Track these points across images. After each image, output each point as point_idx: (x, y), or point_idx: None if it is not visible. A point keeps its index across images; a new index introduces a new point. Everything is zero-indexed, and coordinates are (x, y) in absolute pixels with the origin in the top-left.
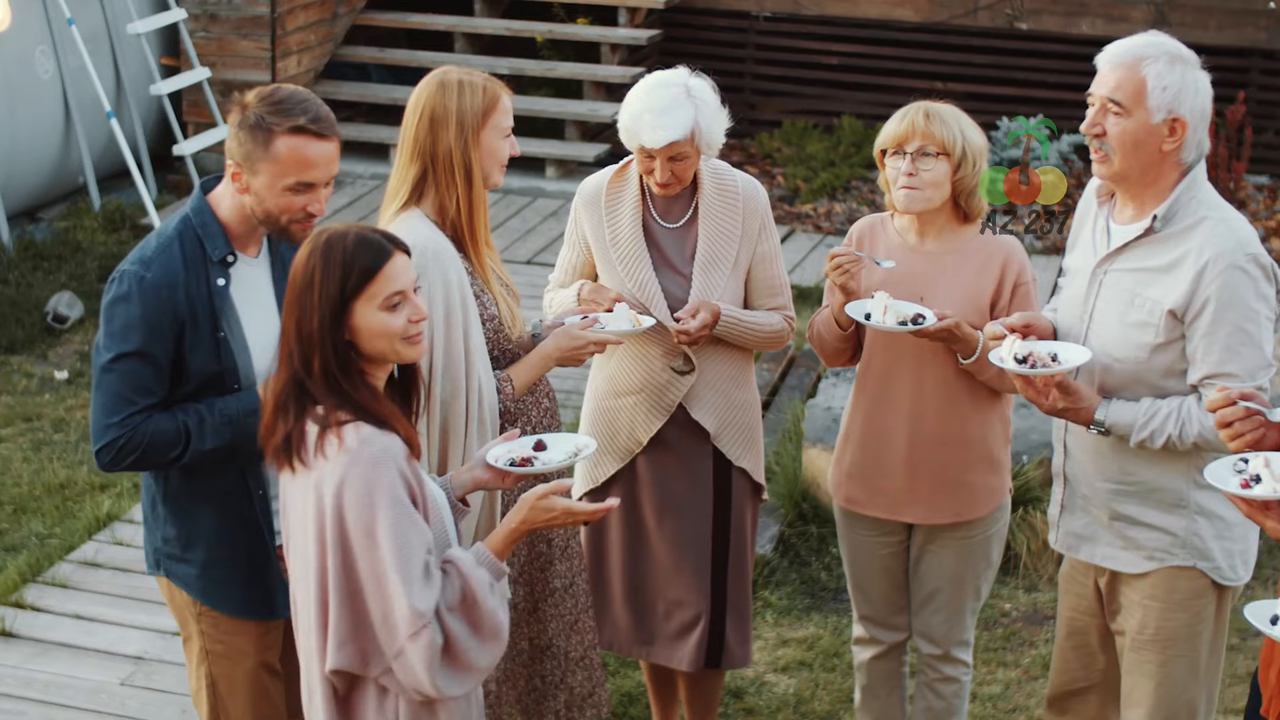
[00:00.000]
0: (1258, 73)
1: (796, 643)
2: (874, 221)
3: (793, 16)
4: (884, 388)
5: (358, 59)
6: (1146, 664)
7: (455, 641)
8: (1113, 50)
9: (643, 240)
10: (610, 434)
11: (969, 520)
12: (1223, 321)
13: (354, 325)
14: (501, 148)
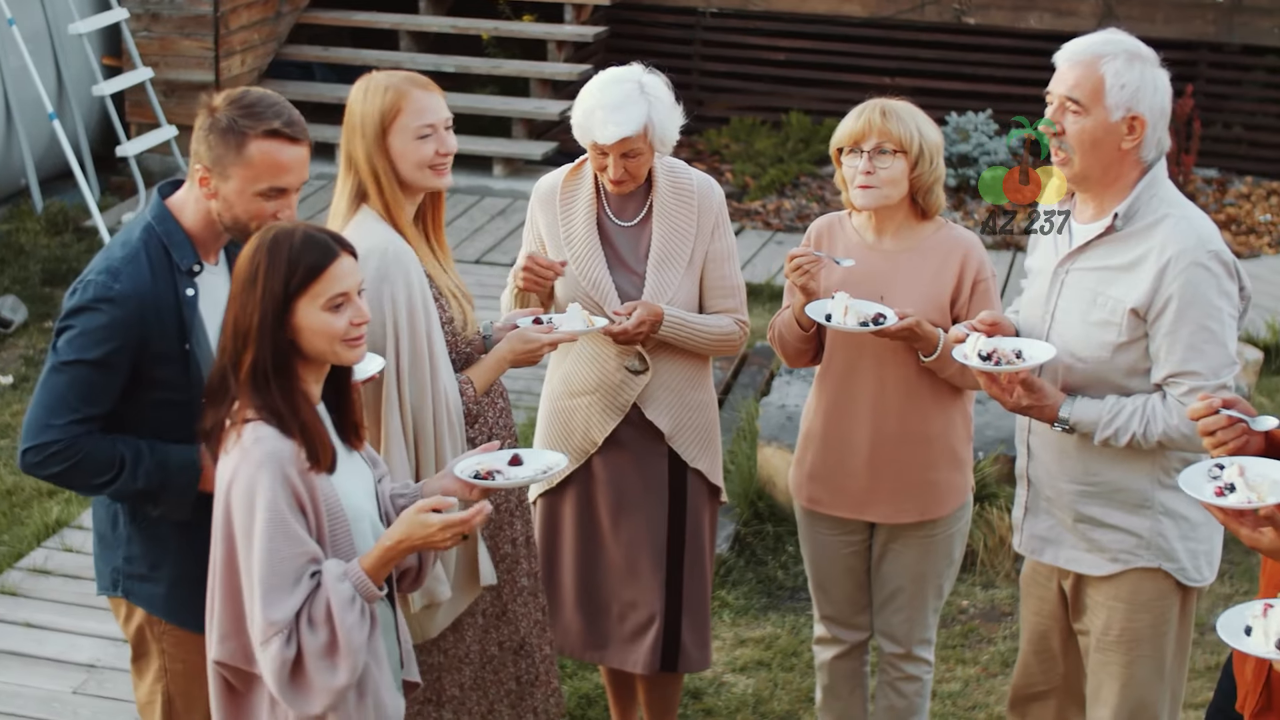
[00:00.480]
0: (1206, 66)
1: (754, 642)
2: (832, 220)
3: (740, 12)
4: (845, 387)
5: (302, 58)
6: (1111, 665)
7: (306, 657)
8: (1070, 48)
9: (597, 239)
10: (565, 434)
11: (932, 519)
12: (1186, 319)
13: (296, 324)
14: (417, 149)
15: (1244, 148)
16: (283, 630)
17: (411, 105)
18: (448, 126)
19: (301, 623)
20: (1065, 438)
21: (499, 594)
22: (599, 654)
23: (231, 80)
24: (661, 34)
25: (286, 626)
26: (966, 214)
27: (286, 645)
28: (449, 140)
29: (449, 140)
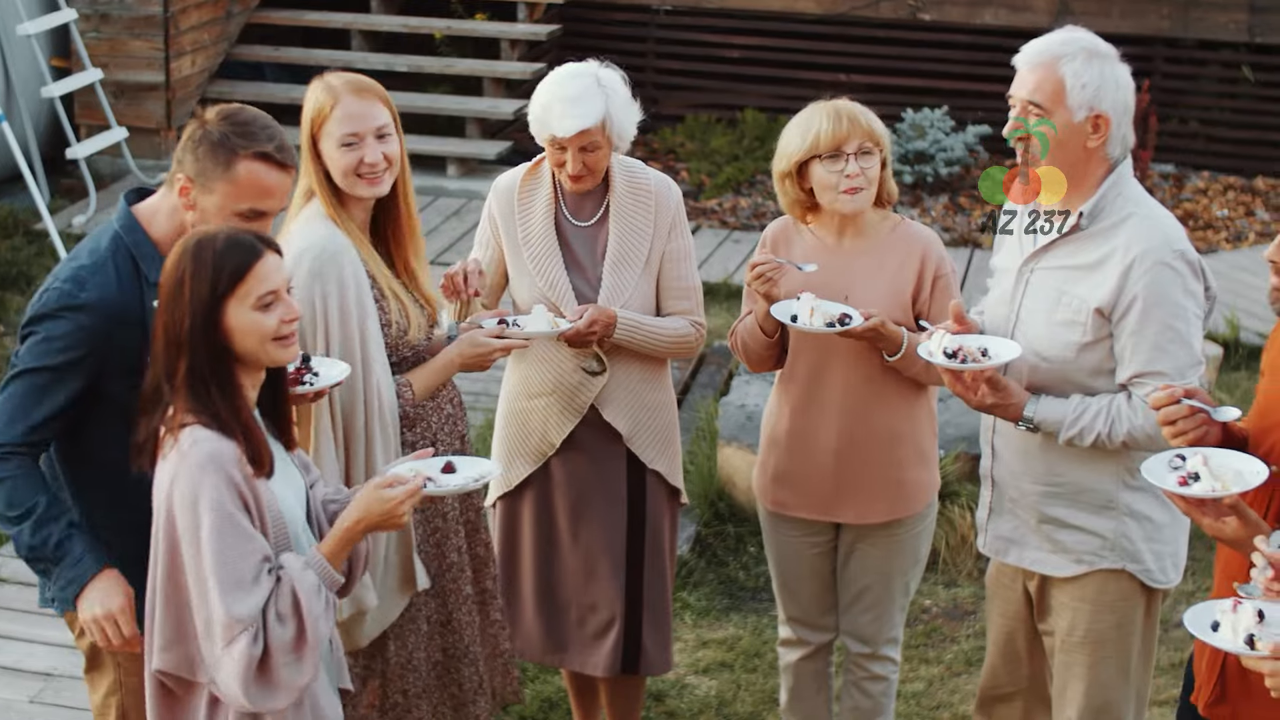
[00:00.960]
0: (1161, 61)
1: (717, 644)
2: (786, 225)
3: (694, 10)
4: (812, 389)
5: (252, 58)
6: (1076, 666)
7: (273, 653)
8: (1029, 50)
9: (554, 239)
10: (523, 436)
11: (901, 518)
12: (1151, 319)
13: (227, 326)
14: (342, 156)
15: (1200, 143)
16: (249, 627)
17: (338, 112)
18: (381, 135)
19: (269, 617)
20: (1030, 438)
21: (444, 602)
22: (559, 657)
23: (182, 81)
24: (615, 32)
25: (253, 623)
26: (924, 211)
27: (254, 643)
28: (375, 150)
29: (375, 150)
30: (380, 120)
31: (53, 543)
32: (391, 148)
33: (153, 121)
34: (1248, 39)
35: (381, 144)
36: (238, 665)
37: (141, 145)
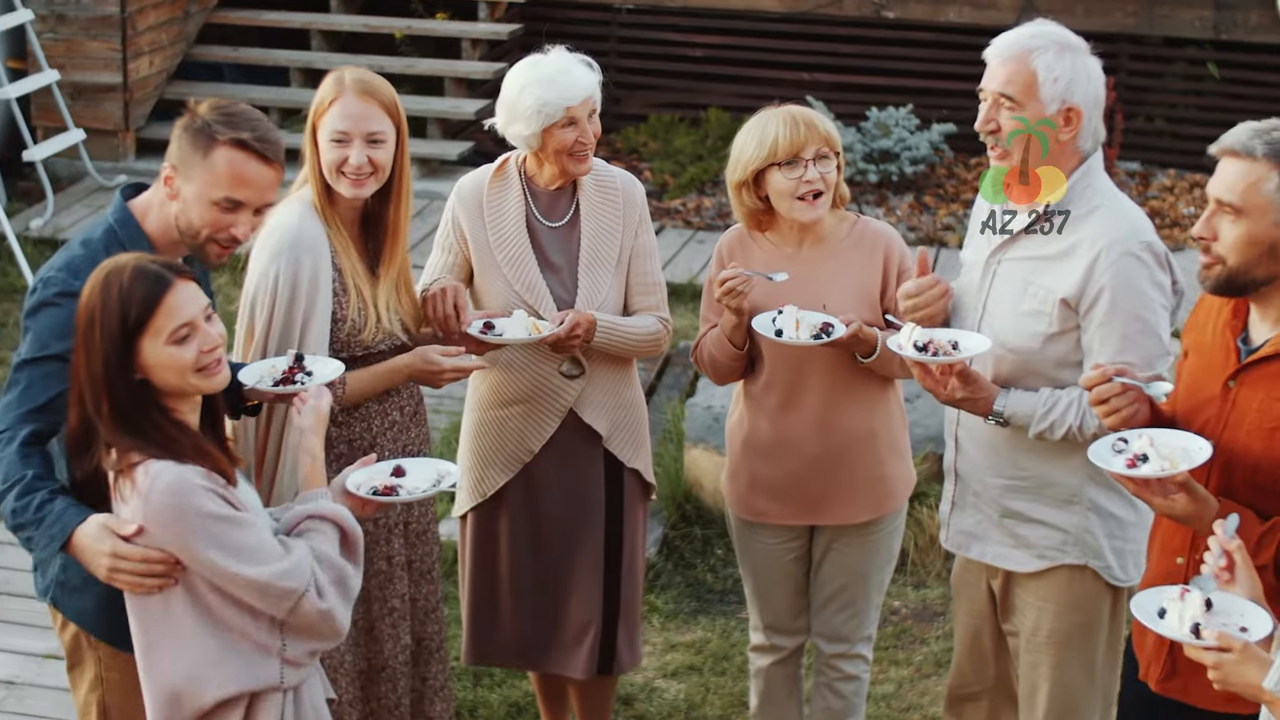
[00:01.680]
0: (1127, 58)
1: (685, 647)
2: (741, 234)
3: (656, 8)
4: (790, 397)
5: (211, 58)
6: (1041, 666)
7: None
8: (1000, 44)
9: (528, 241)
10: (498, 444)
11: (883, 515)
12: (1118, 310)
13: (143, 364)
14: (329, 150)
15: (1166, 140)
16: (304, 590)
17: (336, 108)
18: (372, 140)
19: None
20: (995, 431)
21: (368, 609)
22: (535, 660)
23: (140, 82)
24: (577, 31)
25: (305, 585)
26: (889, 210)
27: (320, 598)
28: (361, 153)
29: (361, 153)
30: (375, 126)
31: (34, 505)
32: (380, 154)
33: (110, 123)
34: (1213, 35)
35: (371, 149)
36: (311, 621)
37: (99, 147)
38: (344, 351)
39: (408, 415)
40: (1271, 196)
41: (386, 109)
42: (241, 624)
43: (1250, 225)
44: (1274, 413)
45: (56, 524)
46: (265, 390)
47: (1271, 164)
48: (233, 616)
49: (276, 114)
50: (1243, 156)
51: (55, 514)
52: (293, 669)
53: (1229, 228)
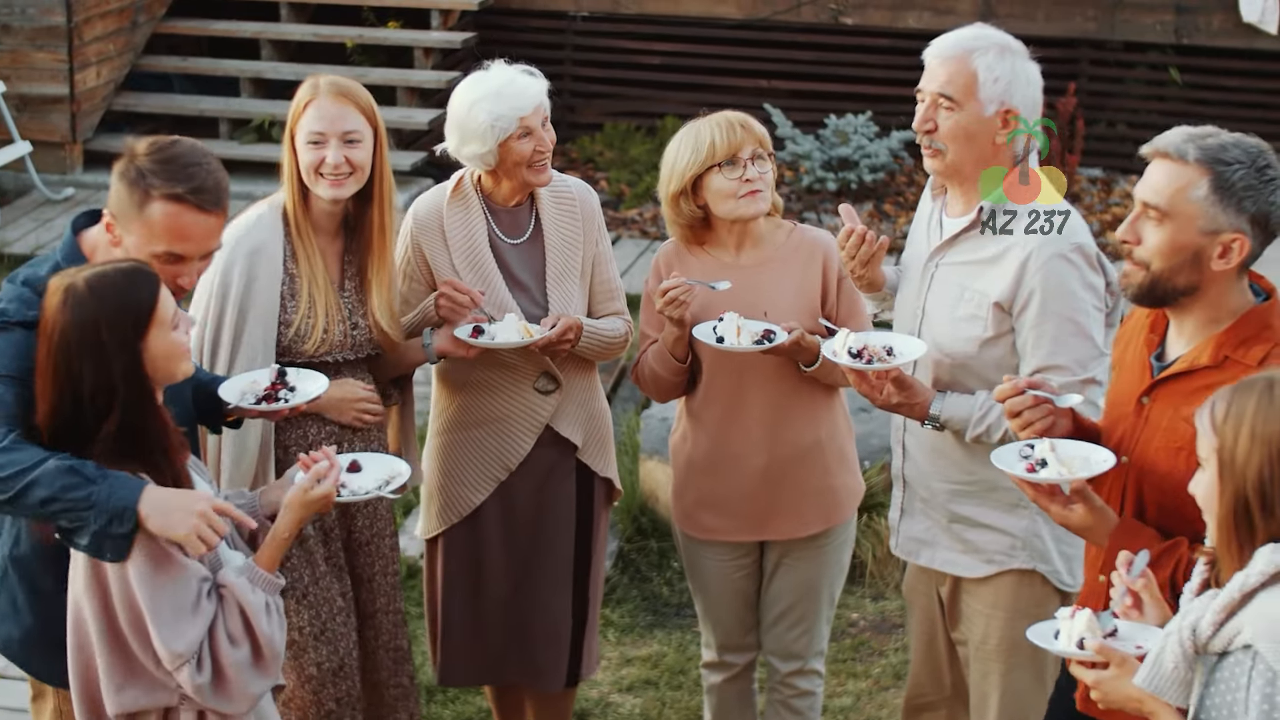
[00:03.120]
0: (1087, 64)
1: (641, 661)
2: (678, 246)
3: (611, 16)
4: (732, 409)
5: (159, 69)
6: (991, 675)
7: (231, 671)
8: (940, 44)
9: (492, 260)
10: (472, 464)
11: (832, 526)
12: (1049, 313)
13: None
14: (307, 152)
15: (1129, 146)
16: (190, 658)
17: (312, 110)
18: (348, 139)
19: (220, 643)
20: (940, 436)
21: (317, 613)
22: (508, 674)
23: (87, 93)
24: (531, 39)
25: (193, 654)
26: None
27: (198, 671)
28: (338, 152)
29: (338, 152)
30: (350, 125)
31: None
32: (357, 154)
33: (57, 135)
34: (1174, 40)
35: (348, 148)
36: (187, 688)
37: (46, 159)
38: (284, 358)
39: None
40: (1199, 203)
41: (362, 110)
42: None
43: (1175, 230)
44: (1180, 432)
45: (123, 485)
46: (248, 408)
47: (1203, 169)
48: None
49: (227, 124)
50: (1174, 159)
51: (117, 477)
52: (191, 703)
53: (1153, 232)
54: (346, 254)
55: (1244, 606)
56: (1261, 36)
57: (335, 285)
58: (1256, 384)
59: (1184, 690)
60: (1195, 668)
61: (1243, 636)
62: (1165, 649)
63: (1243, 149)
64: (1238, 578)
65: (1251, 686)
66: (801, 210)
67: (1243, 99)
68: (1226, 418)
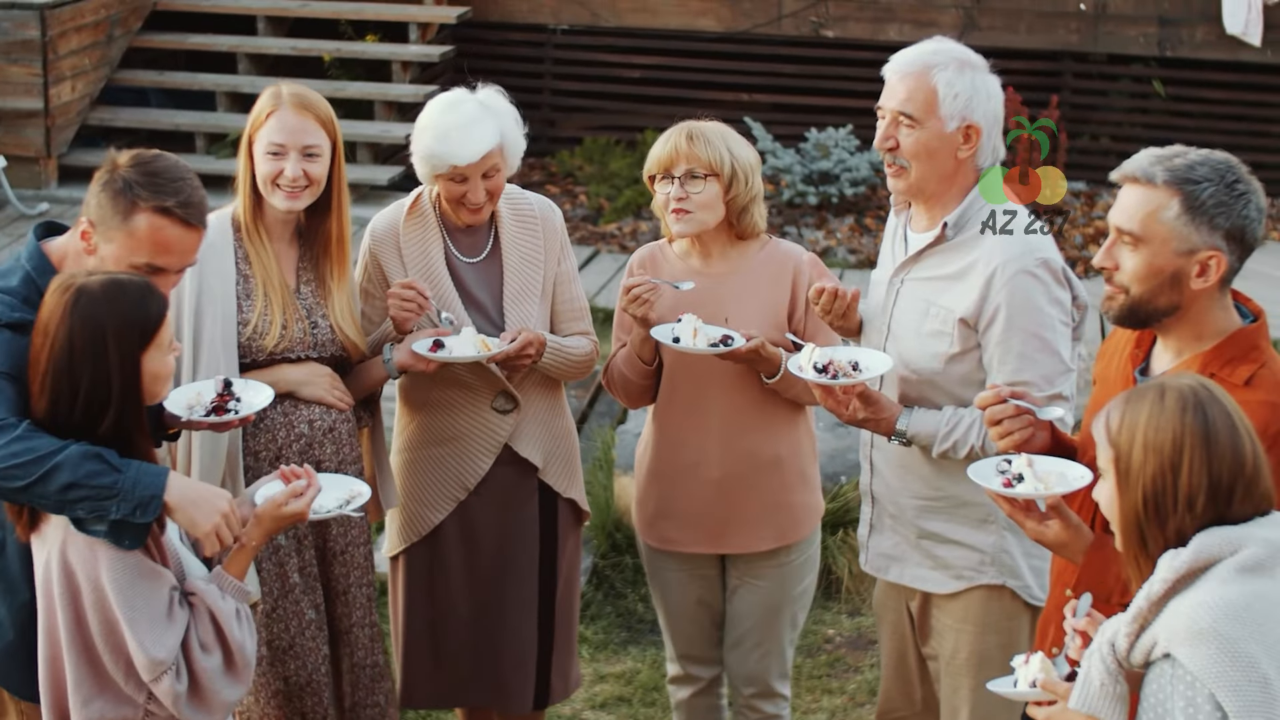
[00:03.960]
0: (1071, 76)
1: (614, 678)
2: (654, 250)
3: (591, 29)
4: (691, 418)
5: (136, 83)
6: (962, 689)
7: (204, 679)
8: (900, 60)
9: (449, 280)
10: (432, 483)
11: (789, 544)
12: (1015, 329)
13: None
14: (263, 164)
15: (1112, 159)
16: (170, 666)
17: (273, 121)
18: (308, 153)
19: (194, 649)
20: (908, 452)
21: (286, 627)
22: (473, 697)
23: (62, 108)
24: (511, 52)
25: (174, 661)
26: (829, 232)
27: (177, 679)
28: (296, 166)
29: (296, 166)
30: (310, 139)
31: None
32: (315, 168)
33: (32, 149)
34: (1158, 52)
35: (306, 162)
36: (167, 699)
37: (20, 174)
38: (246, 357)
39: (319, 430)
40: (1171, 224)
41: (322, 123)
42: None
43: (1150, 254)
44: None
45: (149, 473)
46: (199, 421)
47: (1172, 191)
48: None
49: (203, 139)
50: (1142, 183)
51: (141, 465)
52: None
53: (1129, 256)
54: (302, 261)
55: (1156, 616)
56: (1245, 48)
57: (291, 288)
58: (1148, 392)
59: (1118, 706)
60: (1122, 682)
61: (1160, 646)
62: (1091, 668)
63: (1210, 166)
64: (1144, 588)
65: (1175, 695)
66: (783, 224)
67: (1227, 111)
68: (1121, 428)
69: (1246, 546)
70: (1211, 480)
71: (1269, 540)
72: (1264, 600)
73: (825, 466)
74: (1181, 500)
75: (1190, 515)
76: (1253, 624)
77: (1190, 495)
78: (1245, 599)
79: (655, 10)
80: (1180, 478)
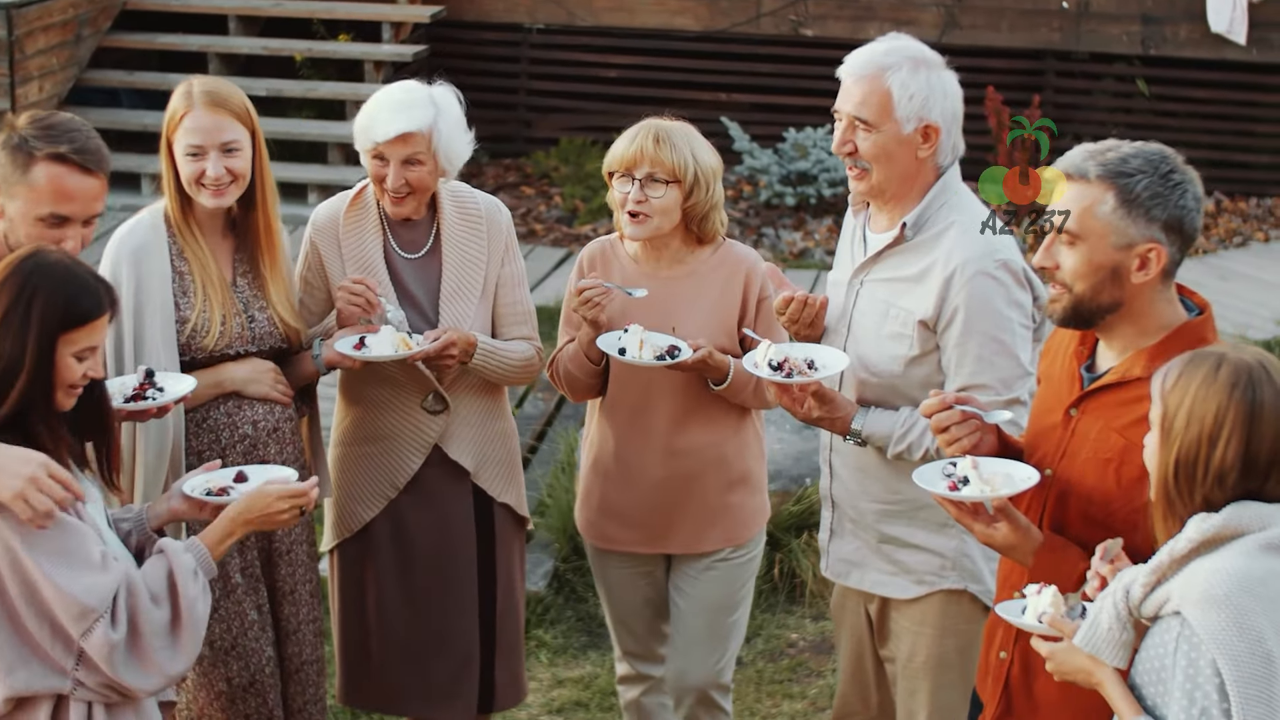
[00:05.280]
0: (1053, 75)
1: (572, 682)
2: (604, 246)
3: (567, 28)
4: (637, 418)
5: (105, 83)
6: (919, 693)
7: (145, 629)
8: (854, 62)
9: (385, 274)
10: (363, 480)
11: (734, 545)
12: (973, 331)
13: (59, 361)
14: (185, 165)
15: None
16: (102, 614)
17: (188, 121)
18: (228, 149)
19: (140, 598)
20: (867, 456)
21: (228, 627)
22: (414, 707)
23: (29, 108)
24: (486, 52)
25: (104, 608)
26: (808, 234)
27: (112, 627)
28: (218, 164)
29: (218, 164)
30: (228, 135)
31: None
32: (237, 163)
33: None
34: (1142, 51)
35: (227, 158)
36: (99, 654)
37: None
38: (185, 355)
39: (263, 430)
40: (1108, 219)
41: (238, 116)
42: (39, 636)
43: (1089, 250)
44: (1109, 443)
45: None
46: (117, 408)
47: (1106, 185)
48: (35, 626)
49: None
50: (1076, 179)
51: None
52: (85, 690)
53: (1068, 255)
54: (237, 253)
55: (1174, 573)
56: (1230, 47)
57: (228, 281)
58: (1207, 360)
59: (1121, 651)
60: (1129, 629)
61: (1172, 603)
62: (1102, 610)
63: (1144, 158)
64: (1168, 544)
65: (1178, 653)
66: (760, 225)
67: (1211, 110)
68: (1173, 388)
69: (1276, 525)
70: (1247, 459)
71: None
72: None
73: (789, 469)
74: (1212, 474)
75: (1220, 489)
76: (1267, 600)
77: (1221, 471)
78: (1263, 575)
79: (632, 9)
80: (1216, 451)
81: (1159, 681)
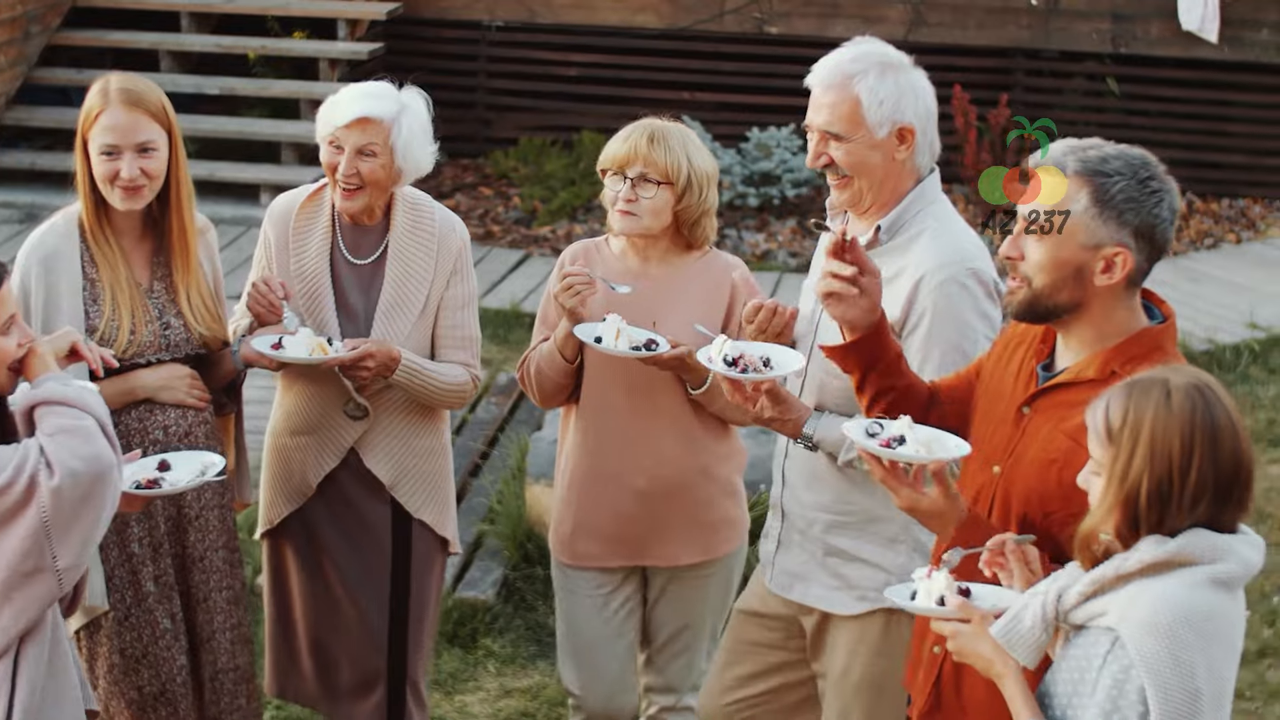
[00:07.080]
0: (1022, 73)
1: (520, 693)
2: (589, 246)
3: (527, 26)
4: (615, 426)
5: (55, 81)
6: (852, 713)
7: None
8: (821, 71)
9: (328, 276)
10: (285, 473)
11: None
12: (937, 339)
13: None
14: (99, 165)
15: None
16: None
17: (103, 120)
18: (143, 149)
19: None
20: (820, 464)
21: (139, 635)
22: (329, 706)
23: None
24: (444, 50)
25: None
26: (770, 235)
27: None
28: (133, 165)
29: (133, 165)
30: (144, 136)
31: None
32: (152, 164)
33: None
34: (1112, 49)
35: (142, 159)
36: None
37: None
38: None
39: (175, 435)
40: (1079, 216)
41: (155, 116)
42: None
43: (1055, 245)
44: (1056, 444)
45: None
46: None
47: (1082, 181)
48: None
49: None
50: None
51: None
52: (71, 571)
53: (1034, 247)
54: (156, 254)
55: (1115, 588)
56: (1201, 45)
57: (144, 286)
58: (1152, 389)
59: (1035, 653)
60: (1048, 633)
61: (1107, 619)
62: (1027, 607)
63: (1124, 160)
64: (1116, 559)
65: (1105, 669)
66: (722, 227)
67: (1182, 109)
68: (1124, 425)
69: (1226, 561)
70: (1217, 481)
71: (1246, 561)
72: (1222, 618)
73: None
74: (1187, 500)
75: (1191, 514)
76: (1206, 636)
77: (1196, 496)
78: (1208, 611)
79: (593, 6)
80: (1190, 478)
81: (1075, 693)
